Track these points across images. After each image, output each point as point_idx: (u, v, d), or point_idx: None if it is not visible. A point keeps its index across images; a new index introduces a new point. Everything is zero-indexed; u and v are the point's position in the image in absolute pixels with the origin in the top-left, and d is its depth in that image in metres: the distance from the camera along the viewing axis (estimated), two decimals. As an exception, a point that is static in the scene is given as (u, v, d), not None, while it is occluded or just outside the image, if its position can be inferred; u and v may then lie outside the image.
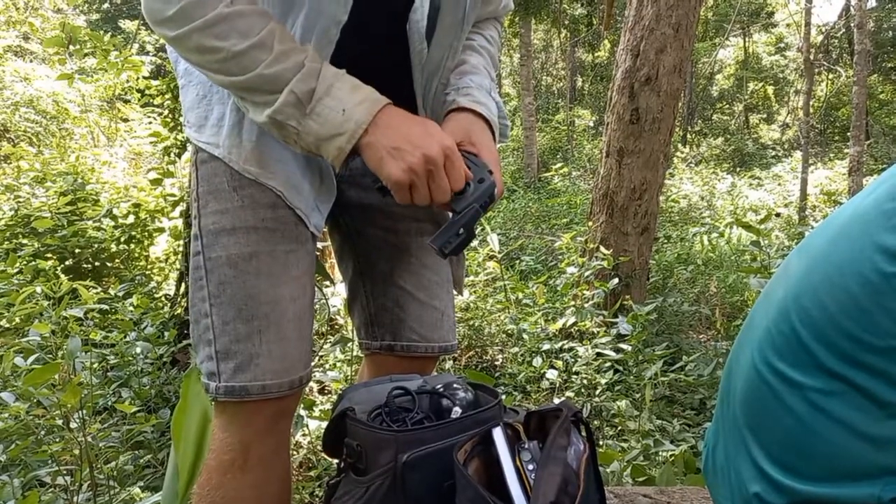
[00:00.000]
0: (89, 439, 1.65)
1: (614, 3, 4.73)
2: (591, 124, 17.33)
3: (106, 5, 19.06)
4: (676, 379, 3.11)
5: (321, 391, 3.17)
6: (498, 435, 0.75)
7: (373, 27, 0.88)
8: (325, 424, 2.51)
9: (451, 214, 0.85)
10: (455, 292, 1.09)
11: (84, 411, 1.68)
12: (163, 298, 4.13)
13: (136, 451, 2.13)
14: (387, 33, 0.89)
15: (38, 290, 2.71)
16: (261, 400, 0.87)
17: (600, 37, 17.18)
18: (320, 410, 2.53)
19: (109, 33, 4.50)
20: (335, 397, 2.98)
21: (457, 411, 0.83)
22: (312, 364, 1.05)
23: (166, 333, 3.10)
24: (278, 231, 0.88)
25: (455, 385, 0.87)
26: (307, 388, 2.95)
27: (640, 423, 2.57)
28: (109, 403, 2.52)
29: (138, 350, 2.86)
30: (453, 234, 0.82)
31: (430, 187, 0.80)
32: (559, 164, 9.65)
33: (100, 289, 3.70)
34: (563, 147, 15.75)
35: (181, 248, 4.02)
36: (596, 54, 18.96)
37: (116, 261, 4.60)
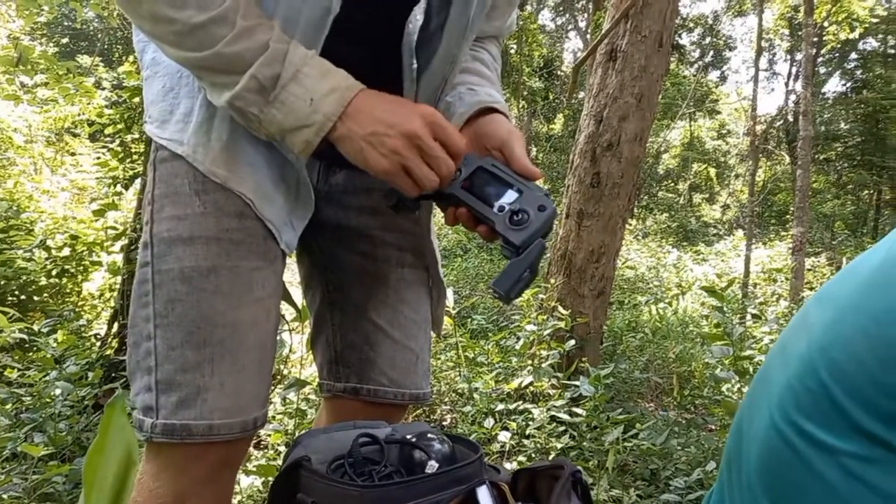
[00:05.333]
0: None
1: (578, 73, 4.86)
2: (545, 192, 17.73)
3: (66, 40, 18.74)
4: (634, 446, 3.02)
5: (256, 445, 2.95)
6: (484, 495, 0.64)
7: (367, 30, 0.79)
8: (259, 481, 2.28)
9: (497, 241, 0.74)
10: (433, 334, 0.98)
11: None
12: (92, 338, 3.84)
13: (44, 504, 1.89)
14: (382, 40, 0.80)
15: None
16: (205, 443, 0.73)
17: (555, 110, 17.83)
18: (255, 466, 2.32)
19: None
20: (272, 452, 2.77)
21: (433, 465, 0.71)
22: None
23: (91, 374, 2.84)
24: (244, 244, 0.77)
25: (430, 435, 0.75)
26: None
27: (598, 492, 2.45)
28: (19, 449, 2.26)
29: (58, 391, 2.60)
30: (519, 276, 0.70)
31: (428, 164, 0.70)
32: (514, 226, 9.72)
33: (23, 323, 3.41)
34: (517, 211, 16.00)
35: (118, 286, 3.78)
36: (551, 126, 19.59)
37: (45, 294, 4.29)
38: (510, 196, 0.75)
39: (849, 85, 20.43)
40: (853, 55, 19.80)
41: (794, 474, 0.65)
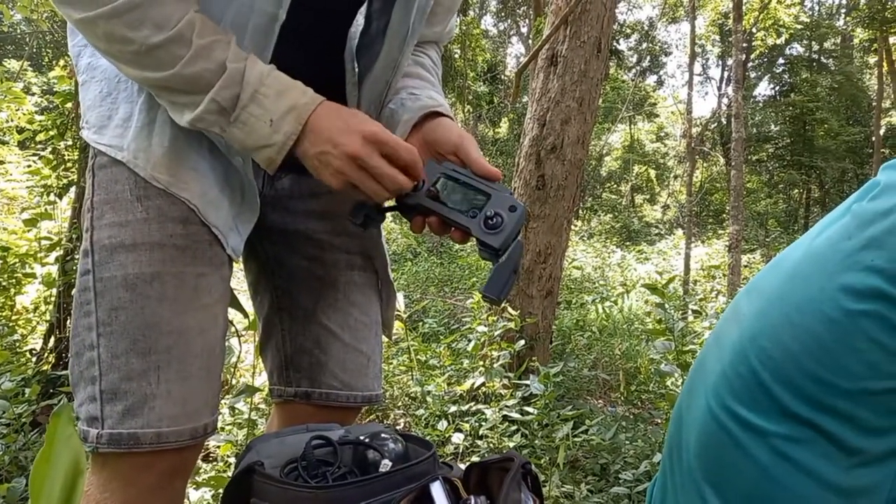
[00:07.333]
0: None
1: (521, 77, 4.94)
2: (492, 195, 17.88)
3: (-11, 42, 17.89)
4: (584, 442, 3.09)
5: (205, 458, 2.89)
6: (437, 491, 0.65)
7: (311, 36, 0.80)
8: (209, 493, 2.23)
9: (473, 240, 0.76)
10: (384, 337, 0.99)
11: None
12: (27, 354, 3.68)
13: (-22, 529, 1.80)
14: (326, 45, 0.81)
15: None
16: (154, 451, 0.72)
17: (500, 114, 18.05)
18: (205, 478, 2.27)
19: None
20: (222, 464, 2.72)
21: (386, 464, 0.72)
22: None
23: (27, 390, 2.73)
24: (189, 250, 0.76)
25: (383, 435, 0.76)
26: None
27: (550, 488, 2.49)
28: (-51, 472, 2.15)
29: (-8, 409, 2.49)
30: (507, 279, 0.72)
31: (376, 180, 0.72)
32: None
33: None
34: (465, 215, 16.08)
35: (54, 298, 3.64)
36: (497, 130, 19.80)
37: (-26, 310, 4.09)
38: (479, 200, 0.76)
39: (777, 88, 21.43)
40: (780, 60, 20.79)
41: (729, 457, 0.69)
